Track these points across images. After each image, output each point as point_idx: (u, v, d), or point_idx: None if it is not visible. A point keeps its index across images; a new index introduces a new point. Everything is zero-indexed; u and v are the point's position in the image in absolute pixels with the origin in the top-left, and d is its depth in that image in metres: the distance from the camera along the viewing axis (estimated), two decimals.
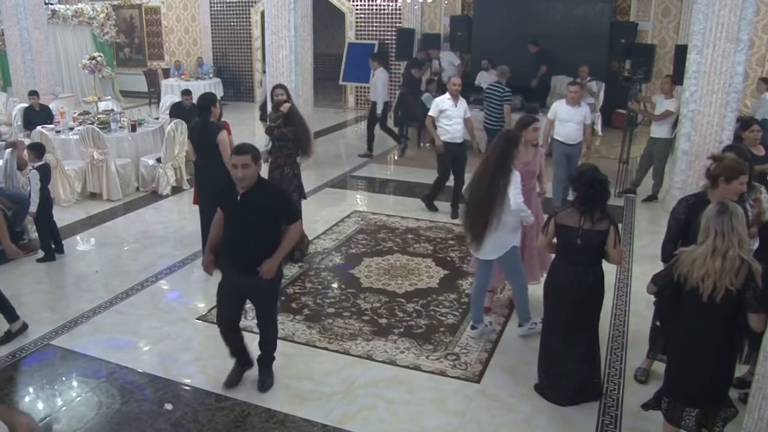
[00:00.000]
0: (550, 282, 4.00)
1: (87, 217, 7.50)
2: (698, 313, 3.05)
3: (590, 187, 3.68)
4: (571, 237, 3.76)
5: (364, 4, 14.18)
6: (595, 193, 3.67)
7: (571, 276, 3.80)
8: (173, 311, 5.20)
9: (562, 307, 3.89)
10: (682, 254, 3.08)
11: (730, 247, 2.89)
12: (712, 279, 2.92)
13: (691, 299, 3.04)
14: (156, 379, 4.21)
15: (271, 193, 3.88)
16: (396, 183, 8.71)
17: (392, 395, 4.06)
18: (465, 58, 13.30)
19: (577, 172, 3.89)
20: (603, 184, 3.70)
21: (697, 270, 2.96)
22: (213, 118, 5.70)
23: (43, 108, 9.50)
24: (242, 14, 15.46)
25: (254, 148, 3.75)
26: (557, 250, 3.93)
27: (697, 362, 3.11)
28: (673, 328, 3.28)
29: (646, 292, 3.46)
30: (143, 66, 16.53)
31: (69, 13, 14.81)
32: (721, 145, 7.06)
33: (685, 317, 3.13)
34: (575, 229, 3.74)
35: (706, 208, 3.08)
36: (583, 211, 3.72)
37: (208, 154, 5.63)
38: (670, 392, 3.28)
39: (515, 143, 4.44)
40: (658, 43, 11.84)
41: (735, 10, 6.62)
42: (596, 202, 3.70)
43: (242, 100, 15.85)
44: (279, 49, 8.88)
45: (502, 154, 4.36)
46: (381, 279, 5.77)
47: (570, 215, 3.79)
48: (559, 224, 3.82)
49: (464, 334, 4.82)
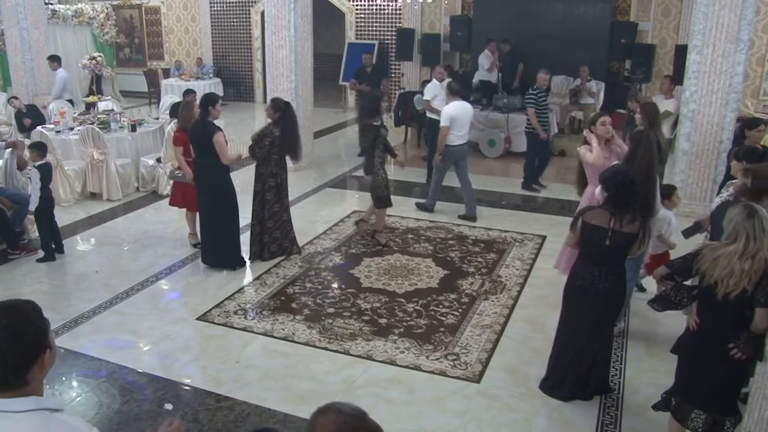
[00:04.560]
0: (571, 281, 3.92)
1: (87, 217, 7.50)
2: (710, 310, 3.06)
3: (623, 189, 3.60)
4: (599, 237, 3.68)
5: (364, 4, 14.17)
6: (627, 195, 3.61)
7: (595, 276, 3.74)
8: (173, 311, 5.20)
9: (582, 307, 3.83)
10: (705, 249, 3.07)
11: (760, 249, 2.90)
12: (736, 279, 2.91)
13: (705, 296, 3.06)
14: (156, 379, 4.20)
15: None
16: (396, 183, 8.70)
17: (392, 395, 4.06)
18: (465, 58, 13.31)
19: (609, 172, 3.78)
20: (635, 185, 3.64)
21: (720, 269, 2.94)
22: (212, 119, 5.71)
23: (30, 107, 9.53)
24: (242, 14, 15.45)
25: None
26: (581, 250, 3.86)
27: (707, 360, 3.11)
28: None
29: (653, 277, 3.44)
30: (143, 66, 16.52)
31: (69, 13, 14.78)
32: (721, 145, 7.08)
33: (703, 315, 3.13)
34: (604, 230, 3.65)
35: (729, 210, 3.08)
36: (614, 213, 3.64)
37: (206, 155, 5.64)
38: (681, 392, 3.28)
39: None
40: (658, 43, 11.83)
41: (735, 10, 6.62)
42: (628, 204, 3.63)
43: (242, 100, 15.84)
44: (279, 49, 8.88)
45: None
46: (381, 279, 5.77)
47: (599, 215, 3.70)
48: (587, 223, 3.73)
49: (464, 334, 4.82)
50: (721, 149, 7.09)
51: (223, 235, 5.86)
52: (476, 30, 12.35)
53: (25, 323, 1.59)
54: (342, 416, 1.51)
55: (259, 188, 5.97)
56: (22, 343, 1.57)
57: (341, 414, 1.52)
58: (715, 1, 6.68)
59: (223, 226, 5.84)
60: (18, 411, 1.57)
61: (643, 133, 4.55)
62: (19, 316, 1.59)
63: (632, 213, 3.66)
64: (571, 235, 3.91)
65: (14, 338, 1.55)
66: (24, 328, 1.58)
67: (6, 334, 1.54)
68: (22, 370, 1.58)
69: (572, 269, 3.96)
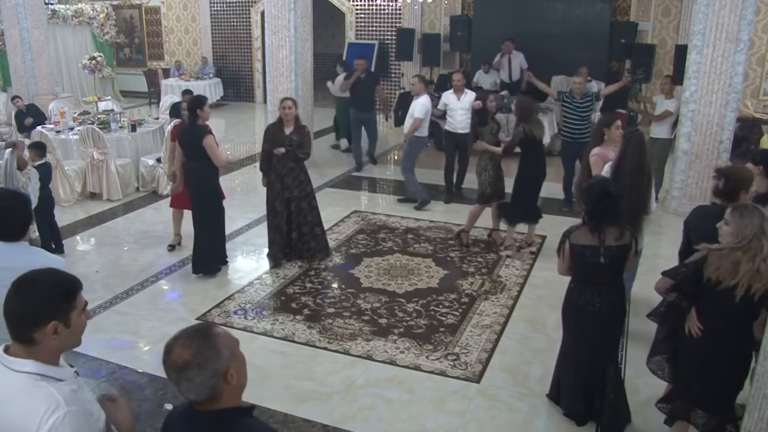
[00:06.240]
0: (570, 307, 3.67)
1: (87, 217, 7.50)
2: (722, 314, 3.02)
3: (598, 202, 3.42)
4: (592, 256, 3.45)
5: (364, 4, 14.17)
6: (603, 207, 3.42)
7: (596, 298, 3.52)
8: (173, 311, 5.20)
9: (586, 333, 3.60)
10: (712, 255, 2.99)
11: None
12: (765, 280, 2.88)
13: (719, 300, 2.99)
14: (156, 379, 4.20)
15: None
16: (396, 183, 8.70)
17: (392, 395, 4.06)
18: (465, 58, 13.31)
19: (586, 185, 3.63)
20: (612, 198, 3.45)
21: (742, 273, 2.90)
22: (201, 122, 5.62)
23: (30, 106, 9.52)
24: (242, 14, 15.45)
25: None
26: (575, 274, 3.61)
27: (715, 362, 3.09)
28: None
29: (656, 291, 3.30)
30: (143, 66, 16.52)
31: (69, 13, 14.79)
32: (721, 145, 7.08)
33: (707, 318, 3.09)
34: (596, 247, 3.44)
35: (732, 211, 3.05)
36: (592, 228, 3.44)
37: (196, 157, 5.58)
38: (685, 398, 3.26)
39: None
40: (658, 43, 11.84)
41: (735, 10, 6.62)
42: (604, 217, 3.43)
43: (242, 100, 15.84)
44: (279, 49, 8.88)
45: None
46: (381, 279, 5.77)
47: (585, 234, 3.48)
48: (576, 244, 3.50)
49: (464, 334, 4.82)
50: (721, 149, 7.09)
51: (204, 238, 5.79)
52: (476, 30, 12.35)
53: (34, 290, 1.78)
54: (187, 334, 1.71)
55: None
56: (27, 304, 1.76)
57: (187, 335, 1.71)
58: (715, 1, 6.68)
59: (205, 229, 5.77)
60: (14, 370, 1.75)
61: (634, 132, 4.55)
62: (28, 281, 1.80)
63: (617, 225, 3.47)
64: (560, 261, 3.65)
65: (19, 297, 1.77)
66: (32, 294, 1.77)
67: (28, 286, 1.78)
68: (29, 326, 1.76)
69: (568, 295, 3.71)
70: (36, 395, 1.72)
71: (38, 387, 1.74)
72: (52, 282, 1.81)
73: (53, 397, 1.73)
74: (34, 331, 1.76)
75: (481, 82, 11.24)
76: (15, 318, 1.77)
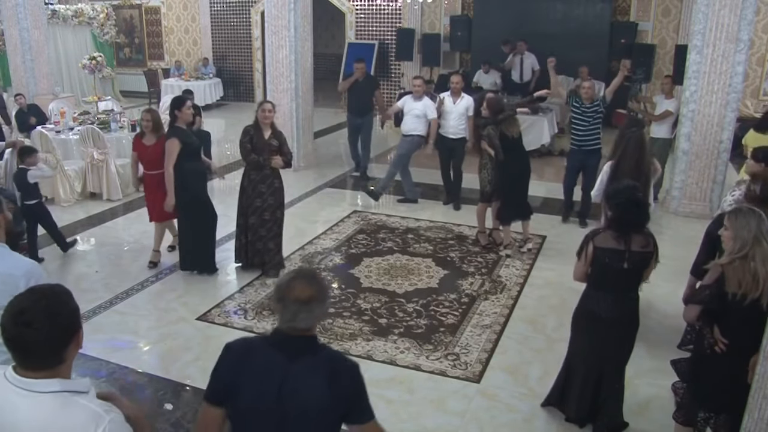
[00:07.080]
0: (585, 314, 3.57)
1: (87, 217, 7.50)
2: (746, 324, 2.92)
3: (626, 210, 3.31)
4: (616, 261, 3.34)
5: (364, 4, 14.17)
6: (631, 216, 3.32)
7: (613, 305, 3.44)
8: (173, 311, 5.20)
9: (599, 340, 3.51)
10: (729, 271, 2.92)
11: None
12: None
13: (745, 312, 2.91)
14: (156, 379, 4.20)
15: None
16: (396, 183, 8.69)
17: (392, 395, 4.06)
18: (465, 58, 13.31)
19: (613, 190, 3.50)
20: (641, 206, 3.36)
21: (762, 282, 2.85)
22: (180, 123, 5.54)
23: (31, 106, 9.52)
24: (242, 14, 15.45)
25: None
26: (594, 278, 3.49)
27: (736, 370, 3.02)
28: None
29: (686, 320, 3.21)
30: (143, 66, 16.52)
31: (69, 13, 14.80)
32: (721, 145, 7.08)
33: (731, 330, 3.01)
34: (621, 252, 3.32)
35: (728, 215, 3.02)
36: (617, 236, 3.34)
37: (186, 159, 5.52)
38: (702, 404, 3.22)
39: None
40: (658, 43, 11.84)
41: (735, 10, 6.63)
42: (631, 225, 3.33)
43: (242, 100, 15.83)
44: (279, 49, 8.88)
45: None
46: (381, 279, 5.77)
47: (609, 238, 3.37)
48: (599, 247, 3.37)
49: (464, 334, 4.82)
50: (721, 149, 7.10)
51: (184, 240, 5.82)
52: (476, 30, 12.35)
53: (61, 304, 1.74)
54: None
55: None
56: (59, 322, 1.70)
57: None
58: (715, 1, 6.68)
59: (182, 231, 5.80)
60: (40, 392, 1.69)
61: (632, 132, 4.54)
62: (54, 297, 1.74)
63: (642, 234, 3.37)
64: (578, 264, 3.52)
65: (53, 318, 1.69)
66: (60, 309, 1.72)
67: (45, 315, 1.68)
68: (60, 348, 1.72)
69: (583, 301, 3.61)
70: (75, 413, 1.69)
71: (74, 404, 1.70)
72: (61, 291, 1.77)
73: (91, 410, 1.71)
74: (65, 349, 1.73)
75: (481, 82, 11.26)
76: (44, 346, 1.69)
